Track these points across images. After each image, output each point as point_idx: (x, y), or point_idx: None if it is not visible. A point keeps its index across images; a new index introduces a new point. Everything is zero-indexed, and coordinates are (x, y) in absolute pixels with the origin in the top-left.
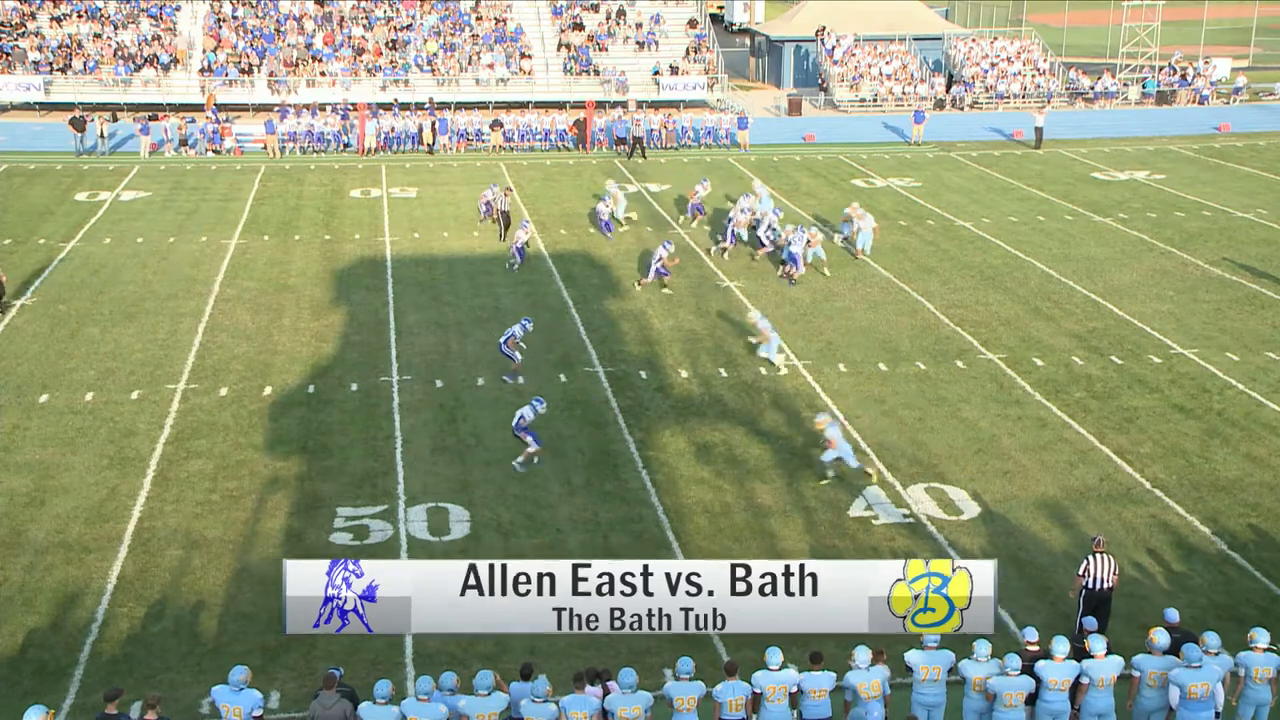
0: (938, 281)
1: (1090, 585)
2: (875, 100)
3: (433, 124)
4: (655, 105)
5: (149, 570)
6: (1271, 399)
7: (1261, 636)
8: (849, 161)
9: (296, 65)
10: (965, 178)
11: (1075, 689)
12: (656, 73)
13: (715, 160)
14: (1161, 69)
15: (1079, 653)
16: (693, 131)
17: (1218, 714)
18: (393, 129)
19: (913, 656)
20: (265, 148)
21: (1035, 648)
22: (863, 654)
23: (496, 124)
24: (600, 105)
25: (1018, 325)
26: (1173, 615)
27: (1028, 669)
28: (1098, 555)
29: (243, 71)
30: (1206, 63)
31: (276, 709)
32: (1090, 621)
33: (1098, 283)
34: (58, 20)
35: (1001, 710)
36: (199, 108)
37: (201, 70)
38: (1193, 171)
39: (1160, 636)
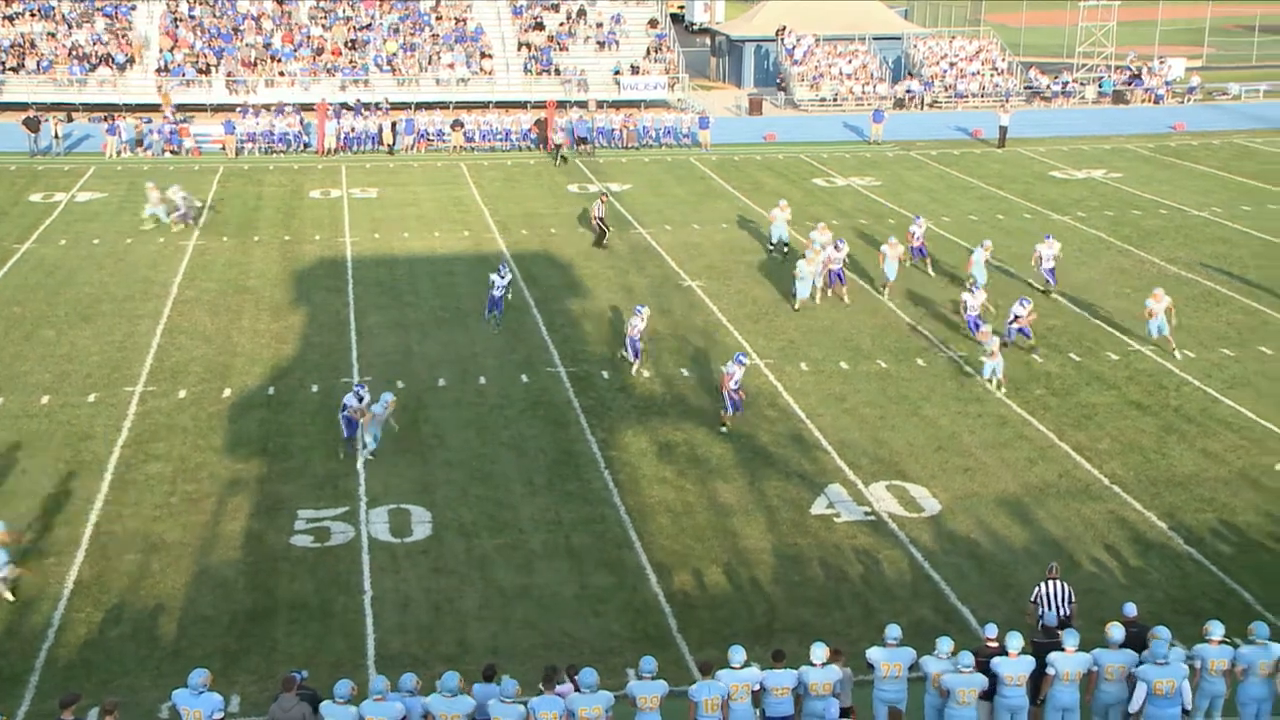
0: (899, 280)
1: (1044, 616)
2: (835, 100)
3: (393, 124)
4: (616, 105)
5: (107, 574)
6: (1226, 395)
7: (1216, 629)
8: (810, 161)
9: (255, 65)
10: (925, 177)
11: (1038, 683)
12: (617, 72)
13: (676, 160)
14: (1117, 69)
15: (1038, 649)
16: (654, 131)
17: (1185, 712)
18: (353, 129)
19: (874, 653)
20: (224, 148)
21: (995, 644)
22: (818, 651)
23: (457, 124)
24: (561, 105)
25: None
26: (1130, 610)
27: (983, 666)
28: (1051, 583)
29: (200, 71)
30: (1161, 62)
31: (237, 713)
32: (1051, 618)
33: (1056, 281)
34: (10, 19)
35: (955, 707)
36: (156, 108)
37: (158, 70)
38: (1149, 170)
39: (1115, 630)
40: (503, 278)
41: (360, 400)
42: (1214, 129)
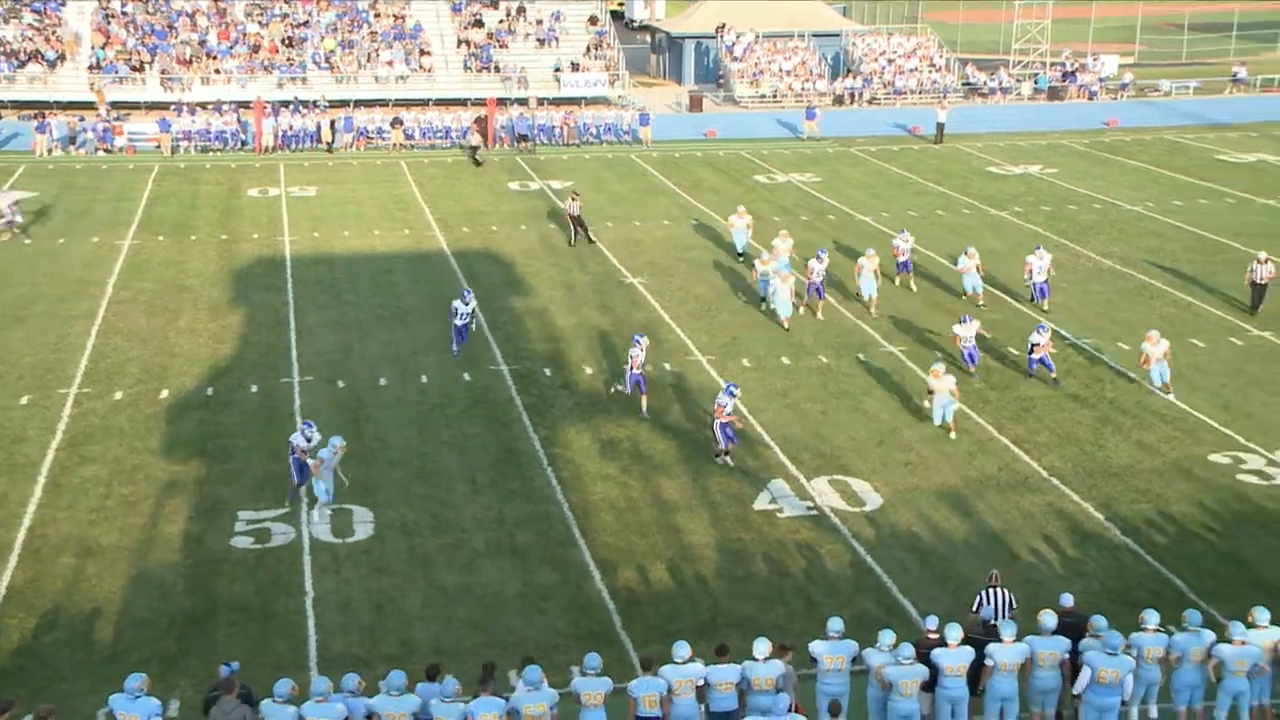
0: (839, 275)
1: (986, 622)
2: (775, 96)
3: (331, 122)
4: (556, 102)
5: (40, 579)
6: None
7: (1151, 618)
8: (750, 157)
9: (190, 62)
10: (865, 172)
11: (978, 674)
12: (557, 70)
13: (617, 157)
14: (1053, 65)
15: (976, 641)
16: (595, 128)
17: (1124, 703)
18: (290, 127)
19: (816, 647)
20: (159, 146)
21: (935, 636)
22: (761, 646)
23: (397, 122)
24: (501, 102)
25: (918, 318)
26: (1067, 600)
27: (923, 657)
28: (992, 590)
29: (134, 69)
30: (1095, 59)
31: (176, 717)
32: (988, 612)
33: (995, 276)
34: None
35: (898, 699)
36: (88, 105)
37: (90, 67)
38: (1084, 165)
39: (1046, 618)
40: (466, 305)
41: (309, 441)
42: (1146, 125)
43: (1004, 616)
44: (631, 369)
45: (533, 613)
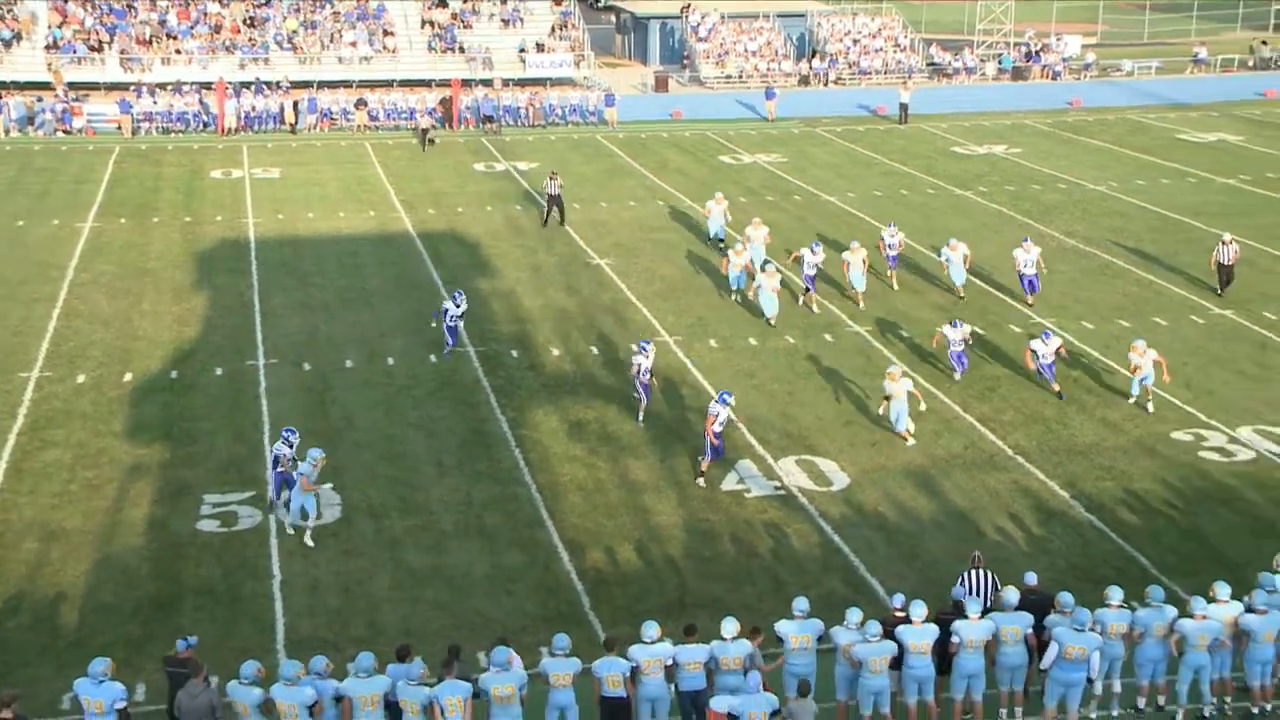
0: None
1: (957, 602)
2: (741, 77)
3: (295, 103)
4: (521, 83)
5: (3, 564)
6: (1124, 365)
7: (1115, 594)
8: (716, 138)
9: (150, 43)
10: (830, 153)
11: (945, 655)
12: (522, 50)
13: (583, 138)
14: (1016, 45)
15: (943, 619)
16: (560, 109)
17: (1090, 680)
18: (253, 108)
19: (783, 626)
20: (119, 128)
21: (901, 614)
22: (729, 626)
23: (361, 103)
24: (466, 84)
25: (883, 298)
26: (1031, 578)
27: (889, 635)
28: (975, 571)
29: (92, 49)
30: (1058, 40)
31: (143, 701)
32: (959, 591)
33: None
34: None
35: (868, 676)
36: (46, 86)
37: (47, 47)
38: (1048, 145)
39: (1010, 594)
40: (457, 306)
41: (291, 447)
42: (1109, 105)
43: (986, 600)
44: (639, 377)
45: (500, 594)
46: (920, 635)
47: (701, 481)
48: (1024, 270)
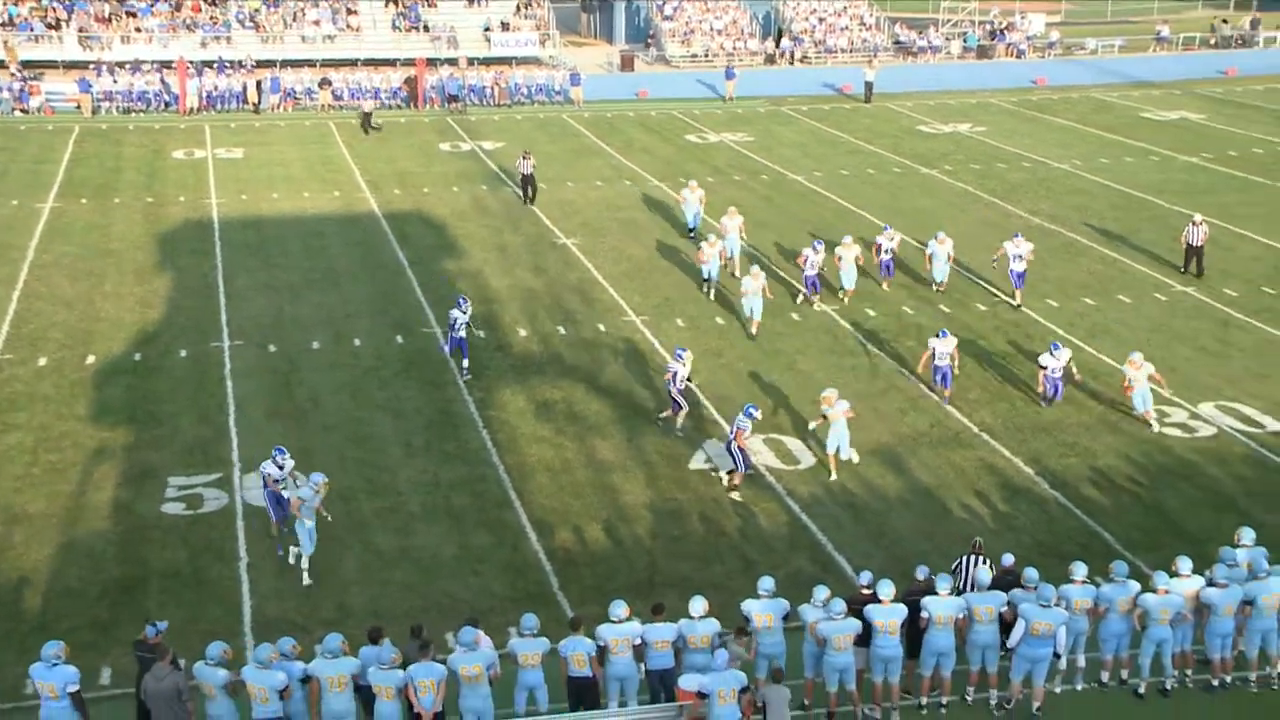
0: (772, 234)
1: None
2: (707, 55)
3: (258, 83)
4: (487, 62)
5: None
6: (1088, 343)
7: (1079, 570)
8: (682, 117)
9: (109, 20)
10: (797, 132)
11: (914, 635)
12: (487, 29)
13: (549, 117)
14: (981, 24)
15: (911, 596)
16: (526, 89)
17: (1057, 655)
18: (215, 87)
19: (748, 605)
20: (79, 107)
21: (868, 591)
22: (697, 604)
23: (325, 82)
24: (431, 63)
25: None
26: (1008, 559)
27: (855, 613)
28: (973, 557)
29: (49, 27)
30: (1023, 18)
31: (109, 685)
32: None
33: (926, 234)
34: None
35: (833, 654)
36: (0, 65)
37: (3, 24)
38: (1013, 124)
39: (981, 573)
40: (464, 312)
41: (281, 469)
42: (1073, 83)
43: (965, 581)
44: (675, 386)
45: (469, 575)
46: (888, 614)
47: (737, 496)
48: (1014, 266)
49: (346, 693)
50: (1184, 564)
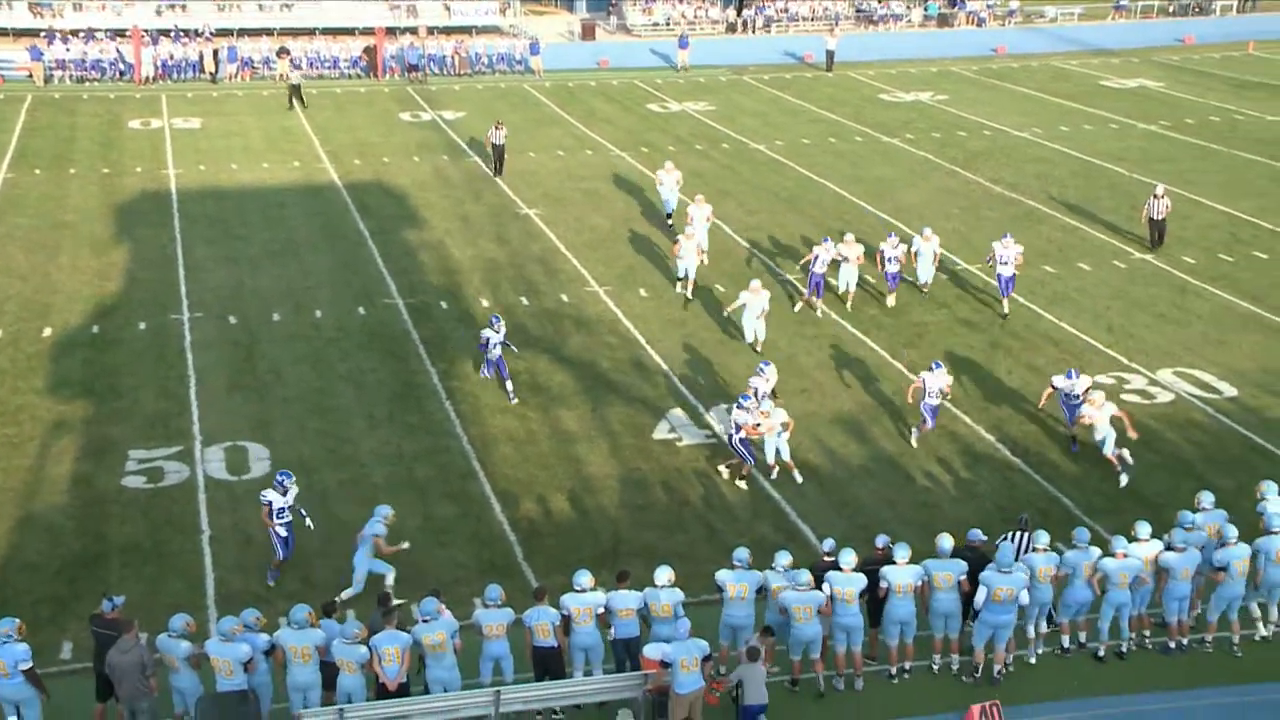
0: (734, 204)
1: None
2: (669, 24)
3: (215, 52)
4: (447, 31)
5: None
6: (1049, 310)
7: (1041, 538)
8: (644, 86)
9: None
10: (758, 101)
11: (876, 605)
12: None
13: (510, 87)
14: None
15: (869, 565)
16: (487, 58)
17: (1023, 617)
18: (171, 56)
19: (722, 575)
20: (30, 76)
21: (831, 558)
22: (661, 574)
23: (283, 51)
24: (390, 32)
25: (813, 247)
26: (975, 535)
27: (819, 580)
28: (1019, 534)
29: None
30: None
31: (69, 659)
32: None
33: (887, 202)
34: None
35: (797, 625)
36: None
37: None
38: (973, 92)
39: (944, 541)
40: (497, 332)
41: (284, 493)
42: (1033, 51)
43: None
44: (735, 434)
45: (434, 546)
46: (848, 583)
47: (743, 485)
48: (1001, 269)
49: (311, 664)
50: (1142, 528)
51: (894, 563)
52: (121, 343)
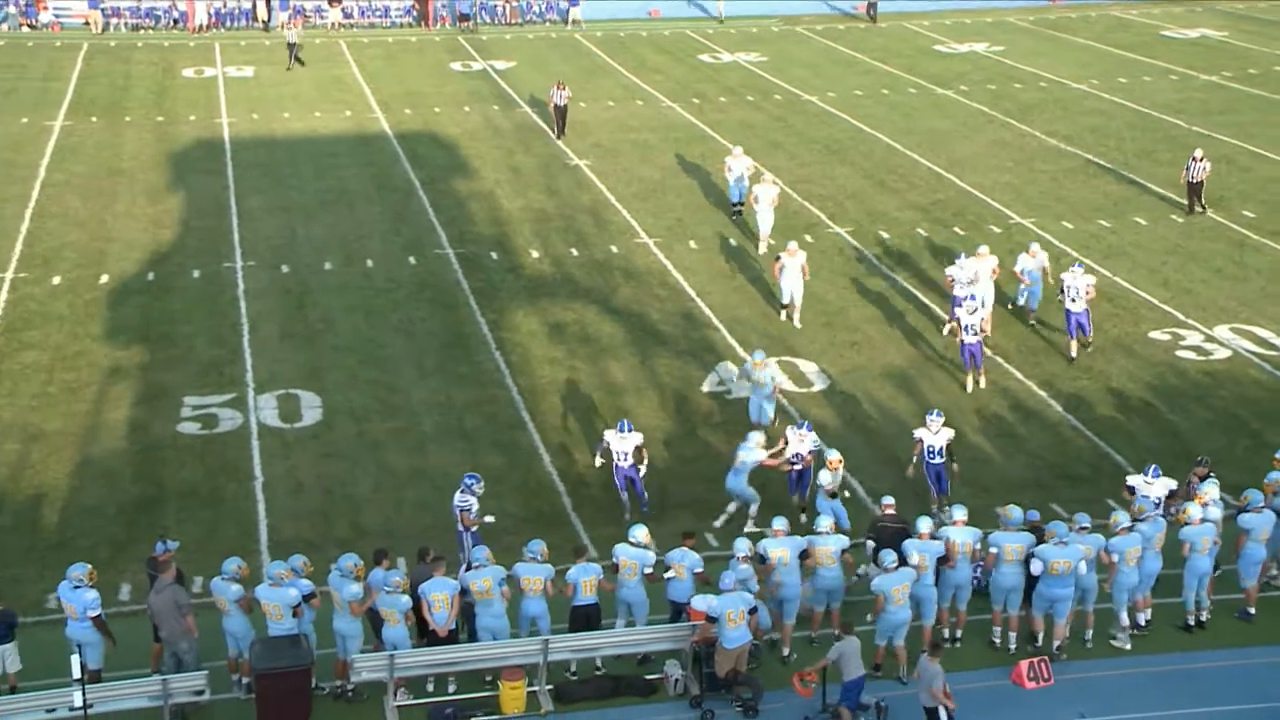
0: (785, 156)
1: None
2: None
3: (267, 0)
4: None
5: None
6: (1104, 265)
7: (1209, 489)
8: (695, 36)
9: None
10: (810, 52)
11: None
12: None
13: (561, 37)
14: None
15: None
16: (537, 6)
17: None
18: (224, 4)
19: (764, 544)
20: (87, 23)
21: (891, 513)
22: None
23: (335, 0)
24: None
25: (864, 199)
26: (1029, 514)
27: (894, 535)
28: (1196, 481)
29: None
30: None
31: (128, 600)
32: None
33: (940, 155)
34: None
35: (891, 609)
36: None
37: None
38: (1030, 43)
39: (1014, 511)
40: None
41: (475, 495)
42: (1091, 1)
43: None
44: (798, 463)
45: (484, 496)
46: (923, 548)
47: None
48: (1070, 305)
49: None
50: (1210, 488)
51: (909, 536)
52: (176, 290)
